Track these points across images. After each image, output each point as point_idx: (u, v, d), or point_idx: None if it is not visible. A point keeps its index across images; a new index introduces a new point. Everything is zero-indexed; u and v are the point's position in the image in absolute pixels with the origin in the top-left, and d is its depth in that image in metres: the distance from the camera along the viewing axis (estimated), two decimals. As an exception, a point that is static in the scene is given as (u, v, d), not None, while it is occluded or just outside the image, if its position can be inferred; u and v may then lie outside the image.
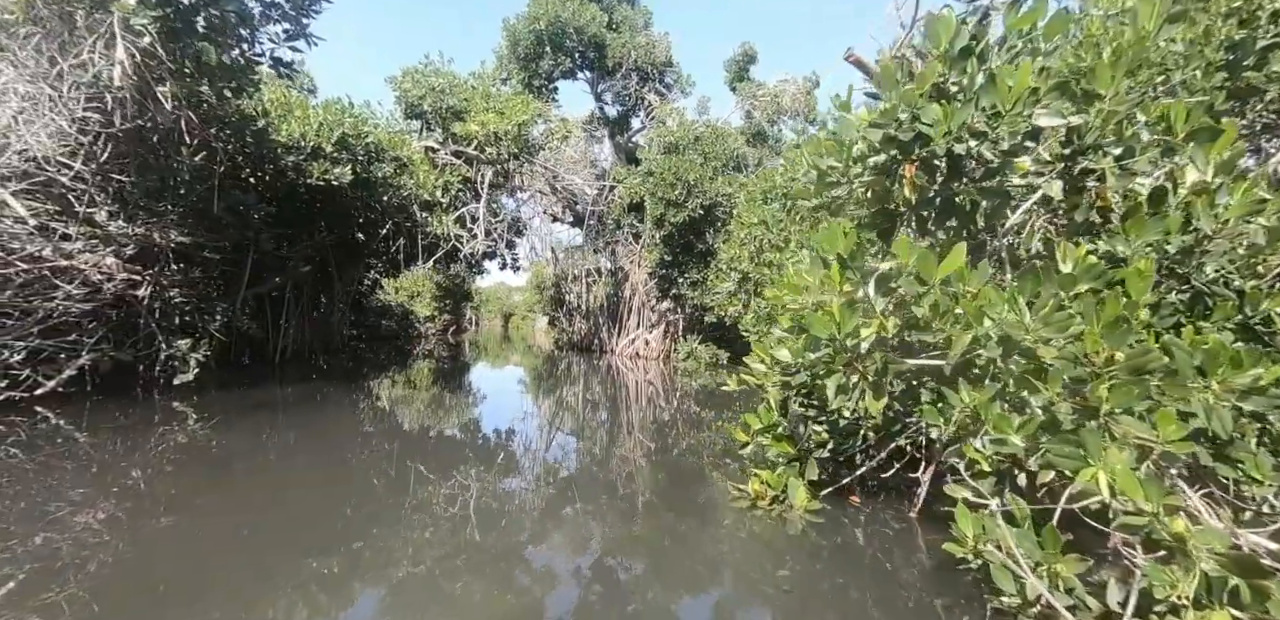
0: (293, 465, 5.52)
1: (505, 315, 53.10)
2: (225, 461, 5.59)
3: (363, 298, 20.61)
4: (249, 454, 5.82)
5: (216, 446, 5.99)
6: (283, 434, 6.75)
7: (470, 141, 15.13)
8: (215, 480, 4.81)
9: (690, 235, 14.99)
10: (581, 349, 22.13)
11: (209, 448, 5.96)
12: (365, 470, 5.32)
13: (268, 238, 9.97)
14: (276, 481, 4.89)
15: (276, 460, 5.74)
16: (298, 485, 4.77)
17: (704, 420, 8.15)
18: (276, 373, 11.23)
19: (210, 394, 8.40)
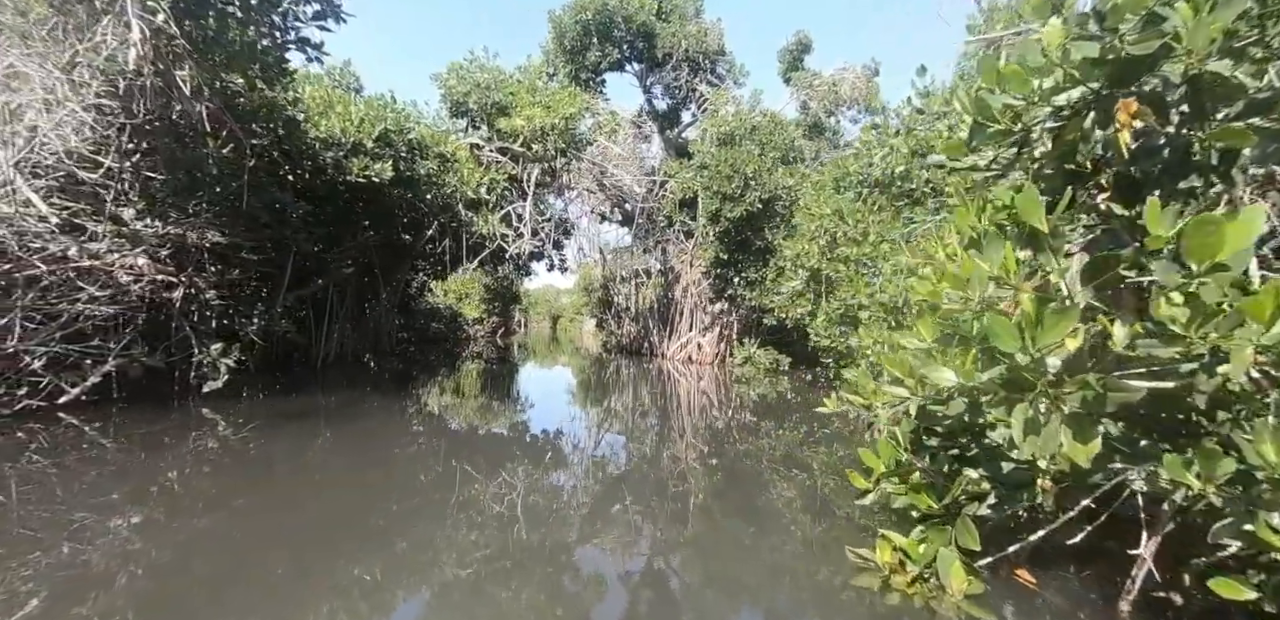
0: (330, 470, 5.05)
1: (553, 317, 52.89)
2: (259, 469, 5.16)
3: (411, 300, 20.28)
4: (283, 462, 5.31)
5: (248, 455, 5.48)
6: (320, 442, 6.07)
7: (516, 137, 14.45)
8: (249, 486, 4.59)
9: (748, 231, 13.86)
10: (630, 352, 21.24)
11: (241, 456, 5.42)
12: (409, 476, 4.97)
13: (306, 237, 9.43)
14: (313, 488, 4.59)
15: (313, 468, 5.19)
16: (335, 489, 4.52)
17: (780, 444, 7.07)
18: (319, 377, 10.71)
19: (246, 400, 7.84)
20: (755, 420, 8.65)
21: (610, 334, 24.30)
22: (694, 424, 8.21)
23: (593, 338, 37.81)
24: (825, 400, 3.87)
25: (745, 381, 13.33)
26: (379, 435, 6.57)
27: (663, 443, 7.04)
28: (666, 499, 4.75)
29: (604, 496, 4.80)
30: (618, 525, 4.05)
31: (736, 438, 7.42)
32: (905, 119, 9.28)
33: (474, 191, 13.34)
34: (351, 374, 11.66)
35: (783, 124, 14.60)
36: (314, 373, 10.99)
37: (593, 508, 4.46)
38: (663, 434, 7.53)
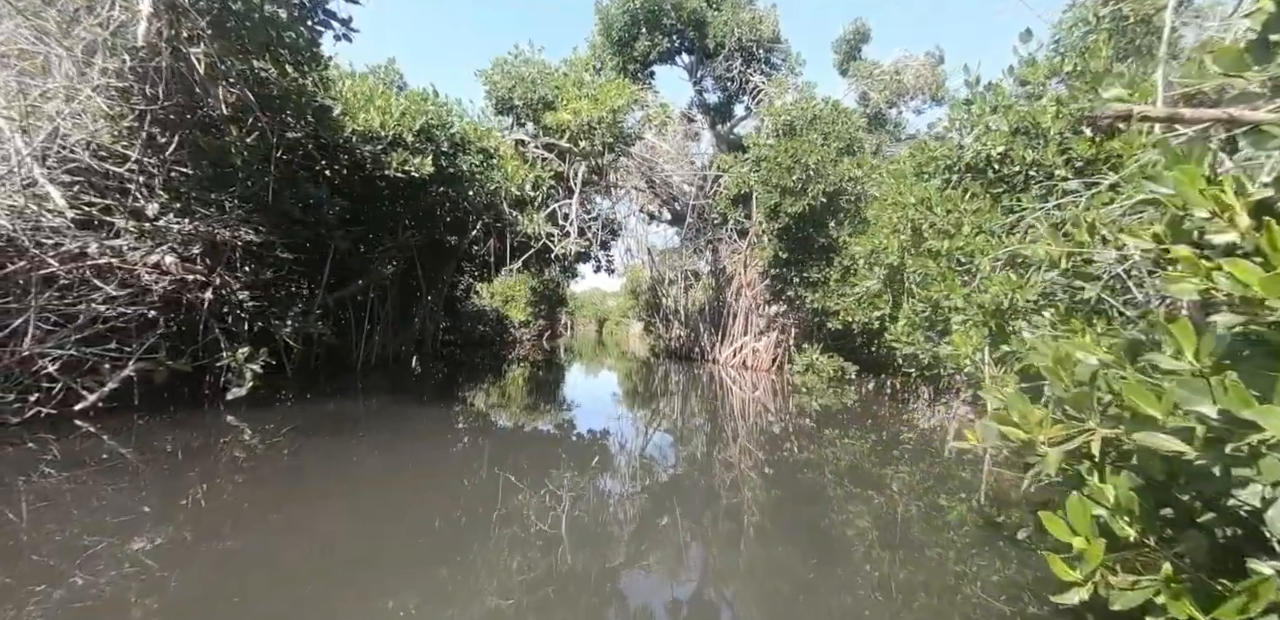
0: (364, 485, 4.57)
1: (599, 320, 52.40)
2: (287, 484, 4.66)
3: (457, 302, 19.88)
4: (313, 477, 4.79)
5: (276, 470, 4.97)
6: (354, 454, 5.39)
7: (562, 133, 13.73)
8: (275, 504, 4.20)
9: (809, 228, 12.71)
10: (680, 357, 20.26)
11: (269, 470, 4.91)
12: (449, 491, 4.60)
13: (344, 235, 8.88)
14: (346, 505, 4.17)
15: (346, 483, 4.68)
16: (369, 506, 4.12)
17: (847, 459, 5.98)
18: (360, 382, 10.17)
19: (279, 407, 7.27)
20: (820, 433, 7.57)
21: (658, 337, 23.37)
22: (751, 437, 7.19)
23: (639, 341, 36.97)
24: (967, 434, 2.84)
25: (806, 390, 12.16)
26: (418, 447, 5.84)
27: (717, 457, 6.06)
28: (721, 518, 4.16)
29: (653, 514, 4.31)
30: (667, 549, 3.71)
31: (800, 453, 6.38)
32: (999, 96, 8.06)
33: (519, 189, 12.67)
34: (394, 378, 11.11)
35: (846, 112, 13.38)
36: (354, 377, 10.47)
37: (641, 528, 4.03)
38: (717, 447, 6.54)
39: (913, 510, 4.50)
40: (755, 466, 5.98)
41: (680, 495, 4.98)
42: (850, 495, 4.87)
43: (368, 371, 11.24)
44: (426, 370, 13.44)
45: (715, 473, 5.68)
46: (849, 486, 5.13)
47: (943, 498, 4.80)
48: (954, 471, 5.65)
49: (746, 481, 5.41)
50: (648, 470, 5.81)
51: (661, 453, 6.56)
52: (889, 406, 10.47)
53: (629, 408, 9.67)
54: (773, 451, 6.53)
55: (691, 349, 19.54)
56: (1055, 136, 7.33)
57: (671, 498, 4.89)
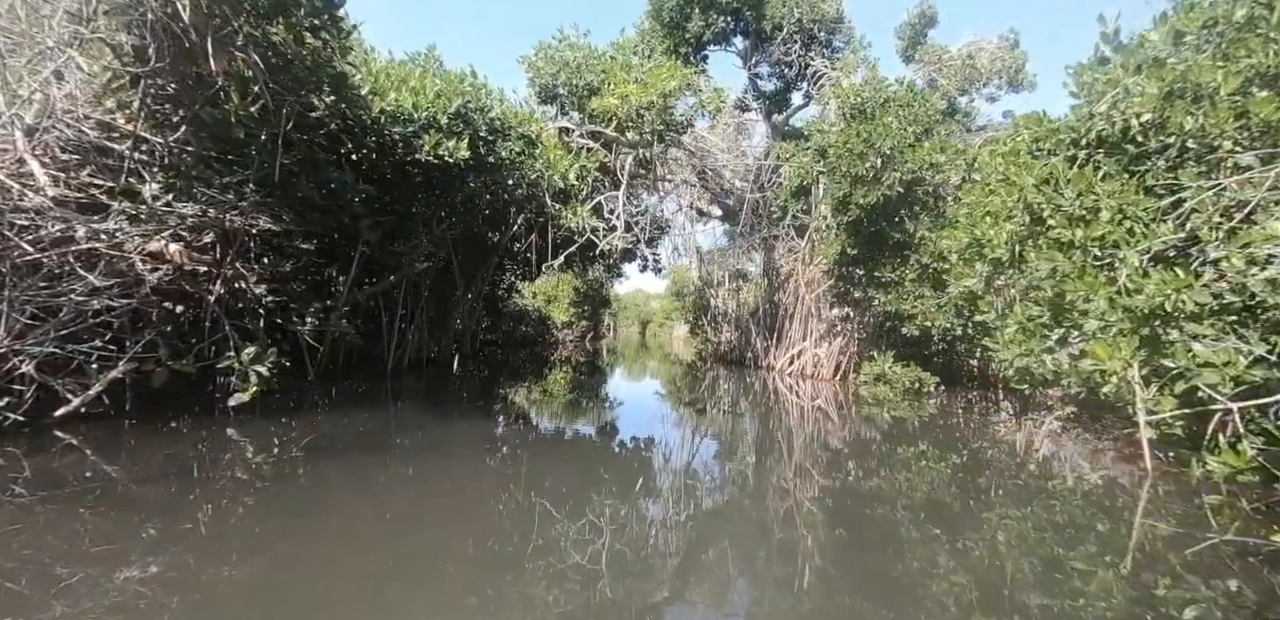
0: (380, 518, 3.61)
1: (642, 322, 51.38)
2: (290, 513, 3.80)
3: (498, 301, 19.09)
4: (326, 503, 3.94)
5: (282, 494, 4.08)
6: (374, 473, 4.37)
7: (609, 121, 12.67)
8: (282, 535, 3.44)
9: (882, 221, 11.25)
10: (729, 362, 18.92)
11: (273, 495, 4.03)
12: (478, 519, 3.80)
13: (371, 225, 7.99)
14: (356, 539, 3.42)
15: (362, 509, 3.81)
16: (382, 544, 3.32)
17: (932, 492, 4.62)
18: (391, 385, 9.30)
19: (295, 414, 6.37)
20: (894, 453, 6.20)
21: (705, 341, 22.08)
22: (814, 458, 5.87)
23: (684, 344, 35.68)
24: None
25: (877, 403, 10.70)
26: (448, 466, 4.81)
27: (775, 483, 4.80)
28: (774, 559, 2.97)
29: (698, 549, 3.53)
30: (710, 594, 2.93)
31: (870, 479, 5.06)
32: (1145, 50, 6.55)
33: (562, 179, 11.65)
34: (429, 381, 10.22)
35: (923, 94, 11.86)
36: (385, 380, 9.61)
37: (684, 566, 3.26)
38: (775, 471, 5.25)
39: (1025, 569, 3.17)
40: (818, 496, 4.71)
41: (730, 529, 3.83)
42: (933, 539, 3.59)
43: (401, 374, 10.38)
44: (465, 372, 12.56)
45: (771, 502, 4.44)
46: (932, 527, 3.83)
47: (1071, 555, 3.43)
48: (1081, 516, 4.23)
49: (807, 515, 4.16)
50: (696, 497, 4.66)
51: (712, 476, 5.35)
52: (971, 423, 8.95)
53: (677, 419, 8.48)
54: (839, 477, 5.22)
55: (743, 354, 18.18)
56: (1225, 99, 5.78)
57: (721, 531, 3.78)
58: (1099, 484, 5.58)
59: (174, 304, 6.31)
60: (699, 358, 22.04)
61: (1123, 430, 8.38)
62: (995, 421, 9.67)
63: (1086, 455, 7.23)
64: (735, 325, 19.23)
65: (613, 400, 10.14)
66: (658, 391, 12.45)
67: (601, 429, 7.13)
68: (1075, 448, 7.59)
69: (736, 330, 19.12)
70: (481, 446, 5.56)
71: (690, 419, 8.50)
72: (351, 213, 7.61)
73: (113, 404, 5.60)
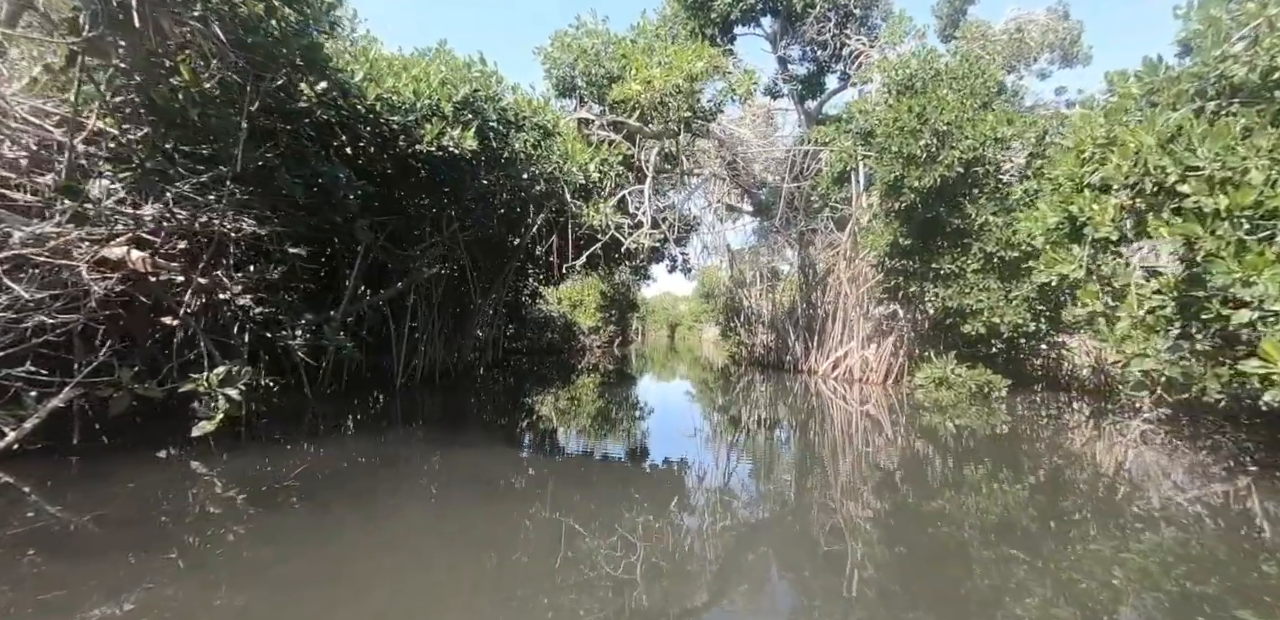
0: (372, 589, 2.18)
1: (671, 326, 50.25)
2: (260, 576, 2.96)
3: (521, 307, 18.20)
4: (302, 563, 3.03)
5: (247, 546, 3.08)
6: (366, 526, 3.38)
7: (631, 110, 11.66)
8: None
9: (939, 206, 9.96)
10: (765, 365, 17.67)
11: (241, 545, 2.94)
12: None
13: (367, 226, 7.09)
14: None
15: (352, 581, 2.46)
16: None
17: (1019, 516, 3.40)
18: (401, 404, 8.39)
19: (279, 444, 5.46)
20: (967, 477, 4.96)
21: (739, 344, 20.86)
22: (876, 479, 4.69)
23: (714, 347, 34.41)
24: None
25: (939, 410, 9.40)
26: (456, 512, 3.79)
27: (836, 515, 3.66)
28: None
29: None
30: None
31: (943, 504, 3.87)
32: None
33: (583, 173, 10.66)
34: (445, 396, 9.29)
35: (980, 64, 10.53)
36: (395, 397, 8.70)
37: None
38: (831, 496, 4.10)
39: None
40: (885, 533, 3.53)
41: (781, 570, 2.67)
42: (1035, 580, 2.40)
43: (414, 388, 9.49)
44: (487, 384, 11.64)
45: (834, 544, 3.28)
46: (1028, 562, 2.64)
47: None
48: (1211, 549, 2.99)
49: (878, 559, 2.99)
50: (740, 532, 3.54)
51: (759, 506, 4.23)
52: (1047, 430, 7.60)
53: (716, 433, 7.36)
54: (902, 503, 4.04)
55: (780, 357, 16.92)
56: None
57: (768, 568, 2.62)
58: (1216, 504, 4.32)
59: (142, 318, 5.47)
60: (732, 361, 20.82)
61: (1222, 435, 6.99)
62: (1072, 427, 8.29)
63: (1187, 467, 5.91)
64: (770, 326, 17.99)
65: (643, 409, 9.06)
66: (691, 398, 11.32)
67: (632, 452, 6.06)
68: (1169, 458, 6.25)
69: (772, 332, 17.87)
70: (489, 489, 4.53)
71: (730, 432, 7.36)
72: (345, 212, 6.71)
73: (60, 436, 4.75)
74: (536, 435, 6.84)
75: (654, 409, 9.89)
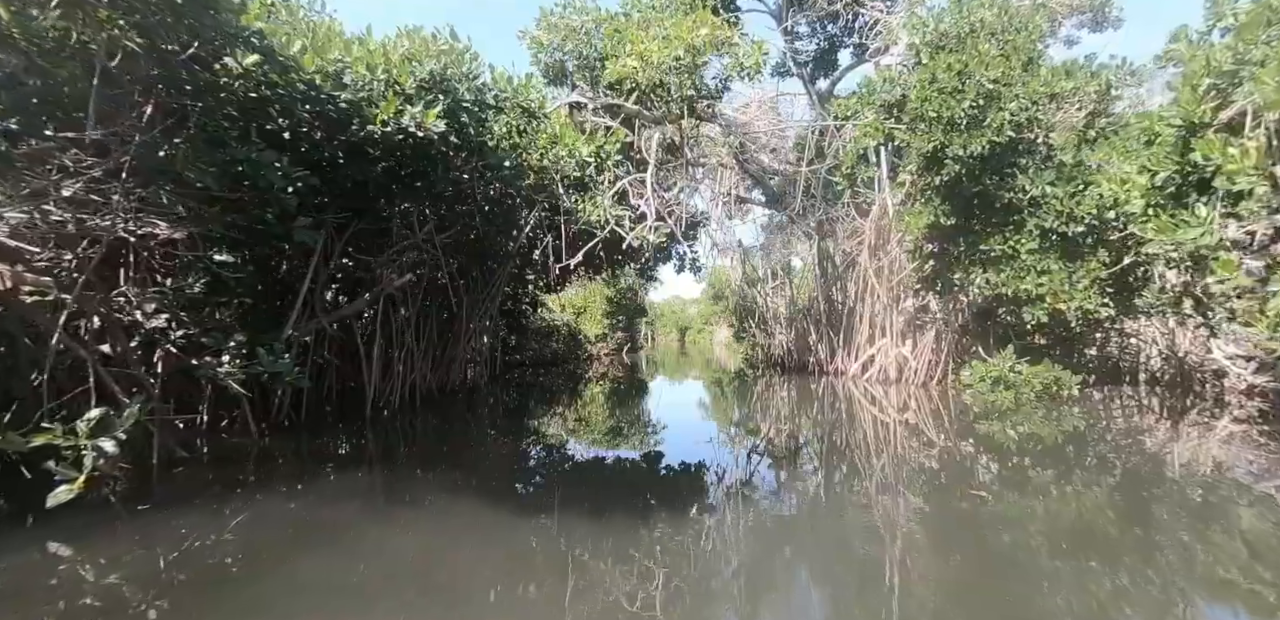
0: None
1: (681, 330, 48.89)
2: None
3: (521, 317, 16.88)
4: None
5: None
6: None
7: (628, 92, 10.36)
8: None
9: (987, 178, 8.56)
10: (784, 368, 16.24)
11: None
12: None
13: (309, 226, 5.77)
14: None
15: None
16: None
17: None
18: (371, 436, 7.06)
19: (195, 507, 4.13)
20: (1037, 485, 3.54)
21: (754, 346, 19.44)
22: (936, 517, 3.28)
23: (726, 349, 32.93)
24: None
25: (997, 415, 7.96)
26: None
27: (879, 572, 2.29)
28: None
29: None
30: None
31: (1031, 556, 2.47)
32: None
33: (577, 161, 9.34)
34: (429, 423, 7.95)
35: (1023, 16, 9.13)
36: (367, 427, 7.37)
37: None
38: (883, 546, 2.71)
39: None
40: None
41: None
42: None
43: (393, 414, 8.16)
44: (481, 403, 10.30)
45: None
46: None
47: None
48: None
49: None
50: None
51: (800, 544, 2.85)
52: (1133, 437, 6.13)
53: (741, 450, 5.96)
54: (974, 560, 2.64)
55: (802, 358, 15.50)
56: None
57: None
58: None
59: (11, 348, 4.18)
60: (748, 364, 19.39)
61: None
62: (1156, 428, 6.81)
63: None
64: (789, 326, 16.58)
65: (657, 428, 7.66)
66: (707, 412, 9.91)
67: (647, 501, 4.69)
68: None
69: (791, 331, 16.46)
70: (457, 593, 3.16)
71: (759, 455, 5.95)
72: (279, 208, 5.41)
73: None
74: (530, 478, 5.47)
75: (665, 418, 8.49)
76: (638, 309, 28.73)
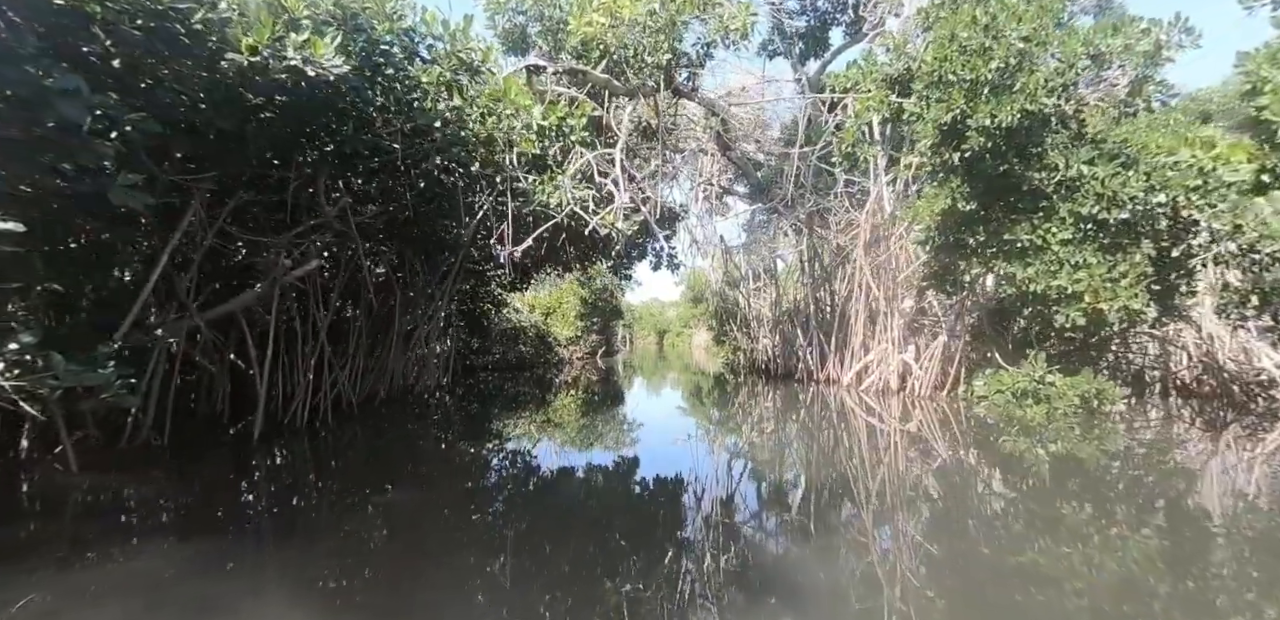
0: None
1: (659, 332, 47.45)
2: None
3: (484, 317, 15.22)
4: None
5: None
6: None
7: (596, 58, 8.85)
8: None
9: (1013, 157, 7.21)
10: (770, 375, 14.82)
11: None
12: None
13: (135, 186, 4.11)
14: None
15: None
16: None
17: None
18: (242, 468, 5.40)
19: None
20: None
21: (736, 350, 18.02)
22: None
23: (706, 353, 31.49)
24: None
25: (1026, 432, 6.60)
26: None
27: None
28: None
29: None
30: None
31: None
32: None
33: (534, 132, 7.78)
34: (339, 445, 6.31)
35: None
36: (252, 453, 5.70)
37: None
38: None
39: None
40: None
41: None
42: None
43: (294, 436, 6.48)
44: (422, 415, 8.66)
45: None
46: None
47: None
48: None
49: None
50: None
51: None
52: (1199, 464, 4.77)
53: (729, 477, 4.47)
54: None
55: (788, 365, 14.08)
56: None
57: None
58: None
59: None
60: (729, 370, 17.94)
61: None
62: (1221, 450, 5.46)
63: None
64: (774, 329, 15.17)
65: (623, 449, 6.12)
66: (694, 429, 8.39)
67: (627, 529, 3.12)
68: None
69: (776, 335, 15.05)
70: None
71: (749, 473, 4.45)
72: (94, 156, 3.78)
73: None
74: (442, 529, 3.89)
75: (642, 438, 6.95)
76: (614, 311, 27.15)
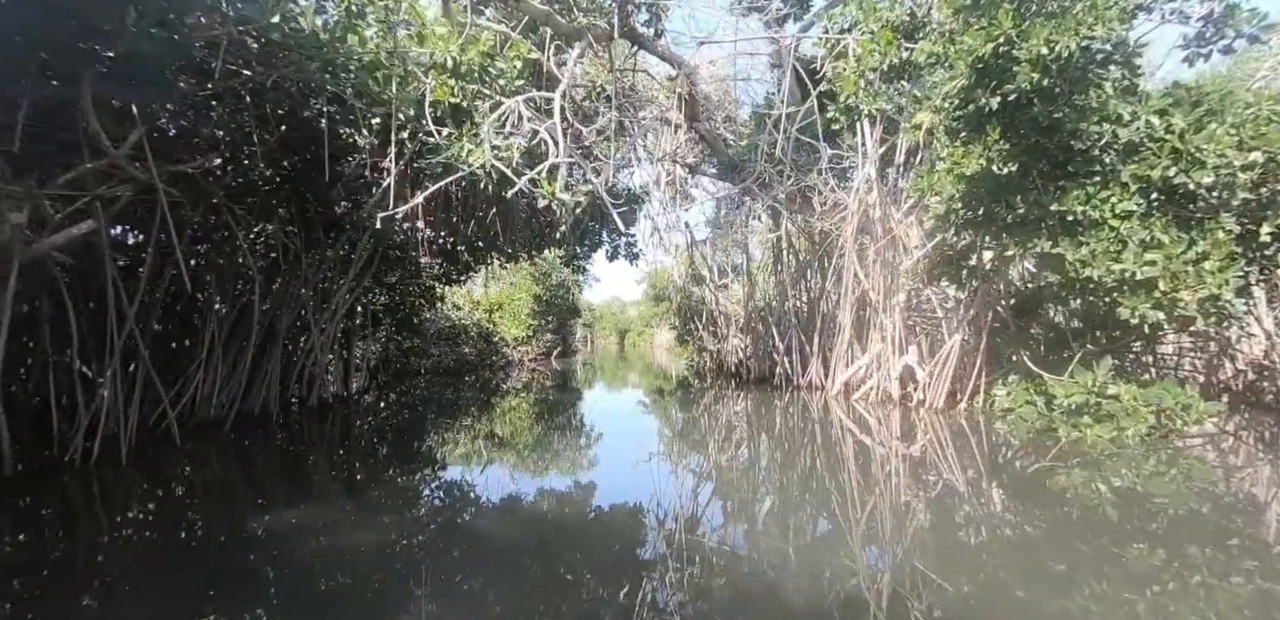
0: None
1: (620, 332, 45.56)
2: None
3: (415, 314, 12.94)
4: None
5: None
6: None
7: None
8: None
9: (1065, 106, 5.53)
10: (742, 380, 13.03)
11: None
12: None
13: None
14: None
15: None
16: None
17: None
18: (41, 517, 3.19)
19: None
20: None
21: (702, 351, 16.16)
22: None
23: (668, 353, 29.70)
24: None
25: (1089, 464, 4.92)
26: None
27: None
28: None
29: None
30: None
31: None
32: None
33: (449, 76, 5.70)
34: (165, 476, 4.11)
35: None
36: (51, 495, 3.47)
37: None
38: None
39: None
40: None
41: None
42: None
43: (103, 466, 4.25)
44: (302, 435, 6.46)
45: None
46: None
47: None
48: None
49: None
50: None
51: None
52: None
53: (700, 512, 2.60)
54: None
55: (765, 369, 12.31)
56: None
57: None
58: None
59: None
60: (695, 373, 16.11)
61: None
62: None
63: None
64: (746, 328, 13.40)
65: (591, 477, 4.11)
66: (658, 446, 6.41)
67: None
68: None
69: (748, 335, 13.28)
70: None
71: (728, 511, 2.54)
72: None
73: None
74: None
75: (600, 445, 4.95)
76: (571, 309, 25.05)
